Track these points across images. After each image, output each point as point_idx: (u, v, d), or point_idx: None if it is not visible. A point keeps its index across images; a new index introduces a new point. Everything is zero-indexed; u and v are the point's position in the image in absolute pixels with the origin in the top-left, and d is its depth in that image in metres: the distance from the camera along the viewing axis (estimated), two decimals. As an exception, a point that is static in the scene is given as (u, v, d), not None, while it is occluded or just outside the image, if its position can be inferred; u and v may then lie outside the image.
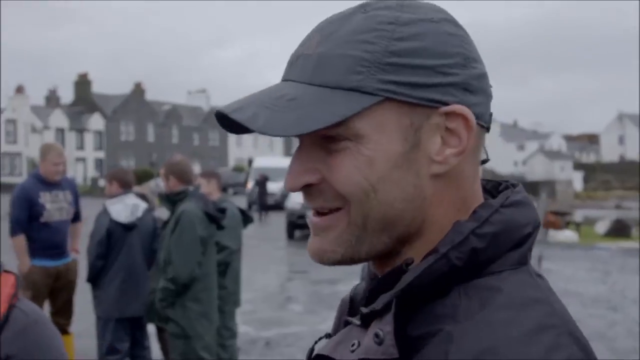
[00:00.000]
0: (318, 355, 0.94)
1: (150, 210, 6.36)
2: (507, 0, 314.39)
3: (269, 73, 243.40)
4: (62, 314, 6.80)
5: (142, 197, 7.20)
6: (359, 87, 0.85)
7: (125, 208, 6.09)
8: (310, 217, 0.94)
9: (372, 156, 0.86)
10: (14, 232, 6.32)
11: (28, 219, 6.33)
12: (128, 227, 6.06)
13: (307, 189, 0.90)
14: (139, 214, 6.15)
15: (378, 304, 0.85)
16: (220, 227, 5.67)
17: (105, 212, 6.10)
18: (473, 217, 0.88)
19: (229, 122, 0.93)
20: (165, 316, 5.40)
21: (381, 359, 0.80)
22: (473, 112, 0.88)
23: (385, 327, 0.82)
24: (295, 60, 0.91)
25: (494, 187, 1.00)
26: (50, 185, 6.49)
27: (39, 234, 6.40)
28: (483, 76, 0.92)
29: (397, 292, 0.84)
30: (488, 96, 0.93)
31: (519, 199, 0.92)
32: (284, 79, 0.92)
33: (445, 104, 0.87)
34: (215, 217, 5.51)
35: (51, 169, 6.48)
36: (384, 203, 0.87)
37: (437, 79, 0.87)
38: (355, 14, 0.90)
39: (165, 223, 5.58)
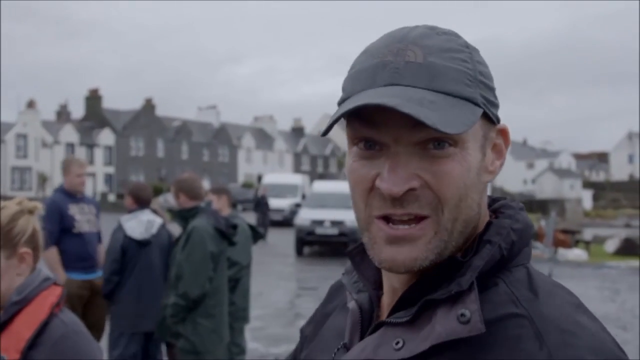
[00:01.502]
0: None
1: (164, 225, 6.33)
2: (520, 16, 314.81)
3: (281, 90, 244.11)
4: (96, 328, 6.75)
5: (153, 212, 7.23)
6: (472, 98, 0.95)
7: (139, 224, 6.09)
8: (387, 228, 0.96)
9: (470, 162, 0.96)
10: (46, 245, 6.29)
11: (60, 231, 6.36)
12: (142, 244, 6.06)
13: (406, 194, 0.94)
14: (154, 230, 6.15)
15: (455, 287, 0.92)
16: (232, 243, 5.69)
17: (119, 228, 6.11)
18: (505, 216, 1.02)
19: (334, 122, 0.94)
20: (175, 332, 5.39)
21: (468, 337, 0.89)
22: None
23: (470, 306, 0.90)
24: (403, 67, 0.95)
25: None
26: (75, 198, 6.59)
27: (72, 245, 6.43)
28: None
29: (475, 274, 0.93)
30: None
31: (522, 205, 1.07)
32: (391, 83, 0.94)
33: (499, 122, 1.03)
34: (226, 233, 5.53)
35: (76, 180, 6.58)
36: (469, 207, 0.97)
37: (496, 100, 1.02)
38: (431, 34, 0.99)
39: (177, 239, 5.59)
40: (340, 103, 1.01)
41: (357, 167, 0.98)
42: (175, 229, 7.10)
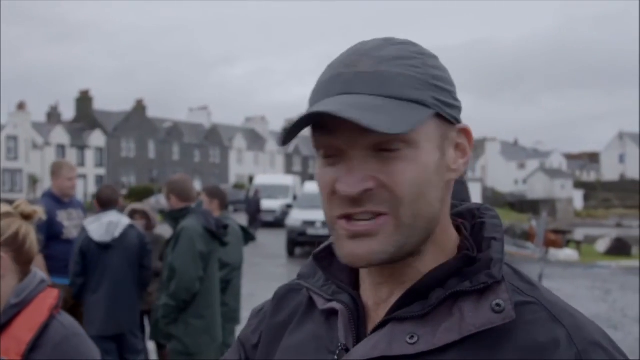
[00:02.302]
0: None
1: (132, 226, 6.19)
2: (511, 18, 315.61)
3: (273, 91, 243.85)
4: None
5: (144, 213, 7.21)
6: (421, 100, 1.00)
7: (100, 227, 5.96)
8: (348, 225, 1.01)
9: (424, 162, 1.00)
10: None
11: (47, 238, 6.28)
12: (102, 246, 5.95)
13: (362, 194, 0.99)
14: (117, 232, 6.00)
15: (487, 279, 0.99)
16: (223, 243, 5.67)
17: (82, 230, 6.04)
18: (491, 216, 1.11)
19: (292, 130, 1.00)
20: (167, 333, 5.38)
21: (502, 325, 0.96)
22: None
23: (502, 295, 0.97)
24: (353, 77, 1.01)
25: None
26: (63, 203, 6.52)
27: (60, 251, 6.36)
28: None
29: (501, 265, 1.01)
30: None
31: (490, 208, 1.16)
32: (345, 92, 1.00)
33: (459, 122, 1.08)
34: (216, 233, 5.51)
35: (66, 184, 6.51)
36: (429, 204, 1.01)
37: (454, 102, 1.06)
38: (385, 45, 1.05)
39: (169, 240, 5.56)
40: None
41: (320, 173, 1.05)
42: (167, 230, 7.08)
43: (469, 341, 0.96)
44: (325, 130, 1.01)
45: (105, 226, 5.96)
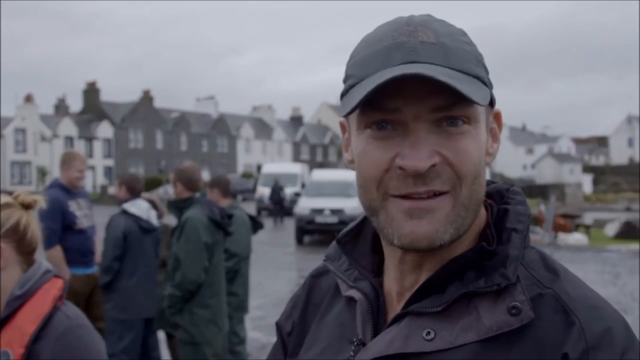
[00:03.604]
0: (379, 358, 0.98)
1: (157, 217, 6.38)
2: (519, 1, 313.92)
3: (282, 80, 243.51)
4: (99, 321, 6.68)
5: (152, 203, 7.22)
6: (481, 77, 0.98)
7: (141, 212, 6.14)
8: (410, 202, 0.95)
9: (482, 141, 0.99)
10: (50, 244, 6.19)
11: (62, 229, 6.34)
12: (146, 230, 6.11)
13: (428, 170, 0.94)
14: (153, 219, 6.22)
15: (501, 280, 0.94)
16: (227, 233, 5.67)
17: (120, 214, 6.14)
18: (516, 202, 1.05)
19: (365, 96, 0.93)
20: (174, 323, 5.40)
21: (517, 330, 0.92)
22: None
23: (518, 297, 0.93)
24: (419, 46, 0.95)
25: None
26: (72, 193, 6.57)
27: (75, 241, 6.39)
28: None
29: (517, 265, 0.97)
30: None
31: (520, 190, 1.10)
32: (412, 61, 0.94)
33: (494, 106, 1.05)
34: (220, 223, 5.51)
35: (76, 176, 6.55)
36: (481, 185, 0.99)
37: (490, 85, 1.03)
38: (432, 20, 1.00)
39: (174, 230, 5.58)
40: (348, 89, 1.00)
41: (371, 149, 0.97)
42: (173, 220, 7.10)
43: (488, 340, 0.92)
44: (382, 104, 0.94)
45: (146, 211, 6.16)
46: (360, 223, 1.18)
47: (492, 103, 1.02)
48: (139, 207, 6.14)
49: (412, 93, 0.92)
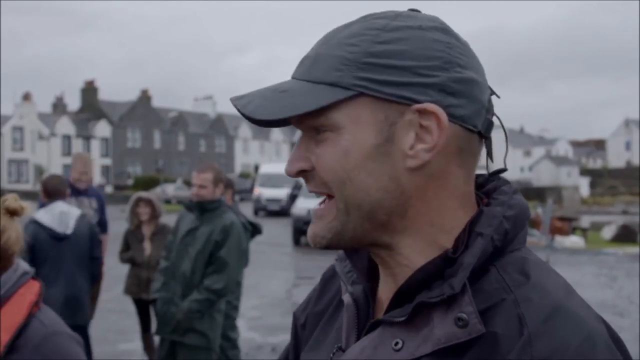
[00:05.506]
0: None
1: (83, 216, 5.86)
2: (520, 1, 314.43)
3: (286, 78, 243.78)
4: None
5: (149, 202, 7.22)
6: (337, 82, 0.94)
7: (52, 218, 5.60)
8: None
9: (348, 146, 0.94)
10: None
11: None
12: (57, 238, 5.59)
13: (302, 174, 1.00)
14: (70, 224, 5.65)
15: (447, 290, 0.90)
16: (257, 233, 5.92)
17: (29, 222, 5.60)
18: (497, 203, 0.98)
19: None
20: (188, 328, 5.17)
21: (469, 339, 0.88)
22: (452, 114, 0.94)
23: (465, 308, 0.88)
24: (301, 62, 1.01)
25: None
26: (77, 191, 6.73)
27: None
28: (468, 81, 0.96)
29: (467, 274, 0.90)
30: (476, 102, 0.97)
31: (516, 188, 1.03)
32: (292, 77, 1.01)
33: (418, 102, 0.93)
34: (257, 227, 5.68)
35: (76, 176, 6.78)
36: (360, 191, 0.95)
37: (412, 78, 0.93)
38: (356, 22, 1.00)
39: (190, 230, 5.32)
40: None
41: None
42: (170, 219, 7.10)
43: (443, 351, 0.89)
44: None
45: (58, 216, 5.61)
46: None
47: (411, 100, 0.94)
48: (52, 213, 5.61)
49: None
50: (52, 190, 5.80)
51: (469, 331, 0.87)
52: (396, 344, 0.94)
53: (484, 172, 1.10)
